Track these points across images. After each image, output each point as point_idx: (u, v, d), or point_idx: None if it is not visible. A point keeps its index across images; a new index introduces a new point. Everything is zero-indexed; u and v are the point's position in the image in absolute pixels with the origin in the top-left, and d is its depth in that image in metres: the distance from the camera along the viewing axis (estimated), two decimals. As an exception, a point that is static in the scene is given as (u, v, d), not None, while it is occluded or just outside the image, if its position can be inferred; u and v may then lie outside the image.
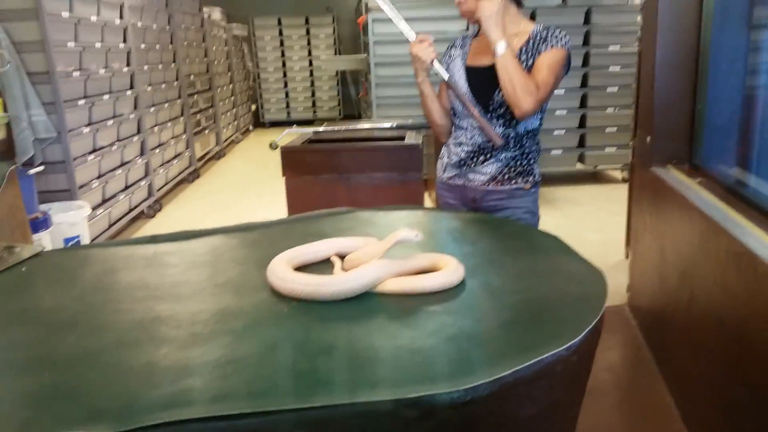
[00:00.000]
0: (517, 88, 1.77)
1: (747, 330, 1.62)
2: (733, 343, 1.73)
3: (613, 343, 2.73)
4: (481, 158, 1.96)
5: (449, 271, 1.18)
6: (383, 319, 1.07)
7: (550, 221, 1.51)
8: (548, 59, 1.81)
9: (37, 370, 0.93)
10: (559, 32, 1.85)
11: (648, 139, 2.65)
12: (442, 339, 0.97)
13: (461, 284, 1.17)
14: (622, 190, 5.03)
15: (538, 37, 1.85)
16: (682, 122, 2.55)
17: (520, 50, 1.85)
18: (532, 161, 1.98)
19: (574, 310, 1.04)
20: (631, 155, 3.76)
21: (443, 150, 2.11)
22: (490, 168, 1.95)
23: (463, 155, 1.99)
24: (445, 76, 1.90)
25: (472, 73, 1.95)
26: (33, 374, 0.92)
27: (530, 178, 1.97)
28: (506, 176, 1.95)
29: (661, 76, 2.55)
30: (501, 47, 1.77)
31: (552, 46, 1.82)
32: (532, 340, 0.94)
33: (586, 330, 0.96)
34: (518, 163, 1.96)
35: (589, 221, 4.65)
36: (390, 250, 1.22)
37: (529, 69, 1.84)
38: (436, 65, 1.88)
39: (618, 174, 6.04)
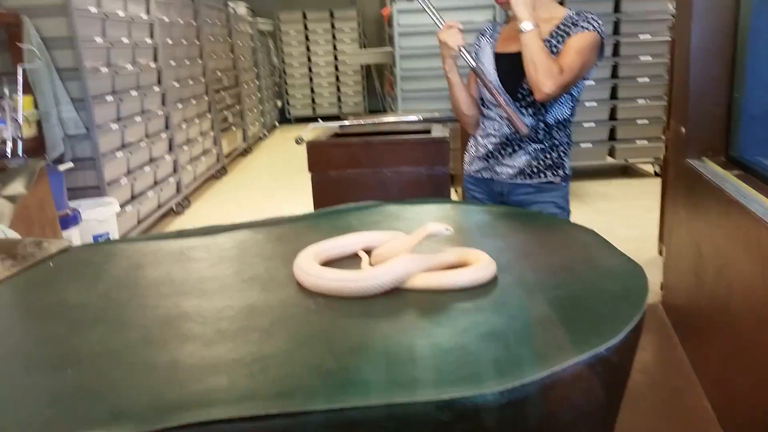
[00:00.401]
0: (540, 68, 1.71)
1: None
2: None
3: (647, 343, 2.66)
4: (509, 150, 1.91)
5: (481, 266, 1.14)
6: (413, 316, 1.04)
7: (580, 217, 1.47)
8: (576, 42, 1.76)
9: (60, 368, 0.92)
10: (591, 16, 1.79)
11: (683, 129, 2.56)
12: (474, 338, 0.93)
13: (493, 280, 1.13)
14: (654, 184, 4.92)
15: (570, 21, 1.80)
16: (718, 112, 2.47)
17: (550, 35, 1.80)
18: (562, 154, 1.92)
19: (613, 308, 0.99)
20: (665, 148, 3.67)
21: (470, 142, 2.06)
22: (519, 160, 1.90)
23: (490, 147, 1.94)
24: (472, 63, 1.85)
25: (501, 59, 1.90)
26: (56, 372, 0.91)
27: (560, 172, 1.92)
28: (535, 169, 1.90)
29: (696, 64, 2.47)
30: (527, 25, 1.72)
31: (583, 30, 1.77)
32: (570, 340, 0.90)
33: (628, 329, 0.91)
34: (547, 155, 1.90)
35: (621, 217, 4.56)
36: (419, 245, 1.18)
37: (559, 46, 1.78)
38: (464, 52, 1.83)
39: (650, 168, 5.92)
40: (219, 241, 1.47)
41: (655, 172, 5.73)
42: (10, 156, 2.89)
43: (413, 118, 3.48)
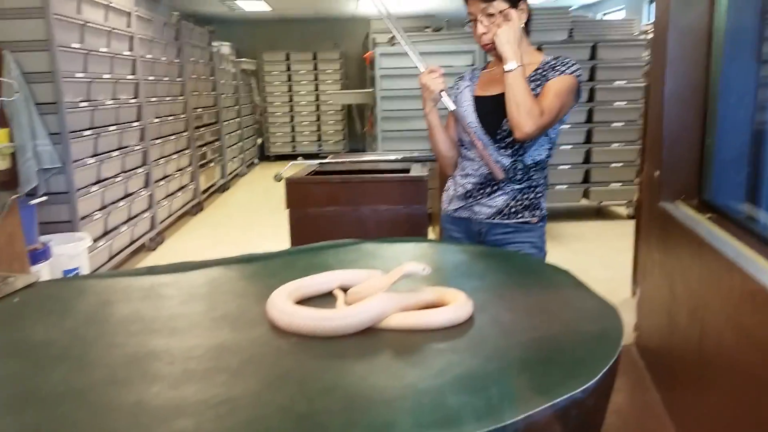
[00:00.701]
0: (522, 108, 1.75)
1: (763, 371, 1.56)
2: (747, 386, 1.66)
3: (620, 384, 2.65)
4: (488, 190, 1.92)
5: (457, 306, 1.13)
6: (388, 357, 1.02)
7: (555, 257, 1.48)
8: (555, 85, 1.81)
9: (20, 408, 0.88)
10: (569, 61, 1.85)
11: (657, 173, 2.61)
12: (449, 379, 0.92)
13: (470, 320, 1.12)
14: (628, 226, 4.98)
15: (548, 66, 1.85)
16: (691, 157, 2.52)
17: (529, 78, 1.84)
18: (539, 195, 1.94)
19: (589, 349, 0.99)
20: (638, 191, 3.73)
21: (449, 182, 2.07)
22: (497, 201, 1.92)
23: (469, 187, 1.96)
24: (452, 107, 1.88)
25: (480, 102, 1.94)
26: (15, 412, 0.87)
27: (537, 212, 1.94)
28: (513, 209, 1.92)
29: (670, 110, 2.53)
30: (512, 64, 1.76)
31: (561, 73, 1.82)
32: (546, 382, 0.89)
33: (603, 371, 0.90)
34: (525, 196, 1.92)
35: (595, 258, 4.59)
36: (395, 284, 1.17)
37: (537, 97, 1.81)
38: (444, 96, 1.86)
39: (623, 210, 6.00)
40: (190, 278, 1.44)
41: (629, 214, 5.81)
42: (-19, 189, 2.84)
43: (393, 157, 3.51)
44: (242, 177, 9.36)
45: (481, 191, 1.93)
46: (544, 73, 1.85)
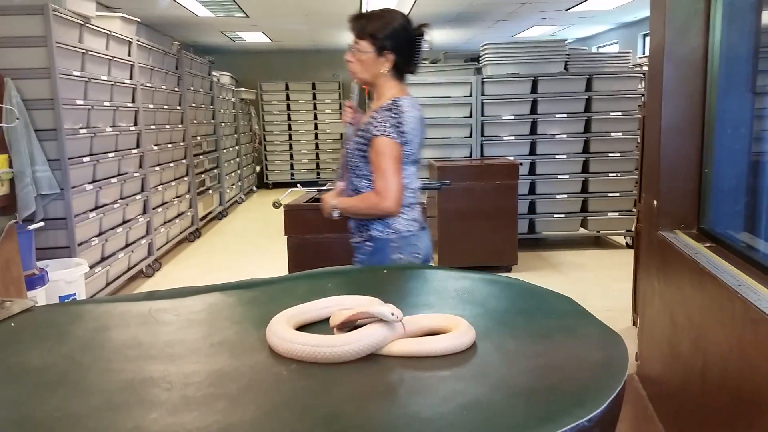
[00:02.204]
0: (365, 211, 2.05)
1: (766, 400, 1.54)
2: (751, 415, 1.64)
3: (623, 414, 2.60)
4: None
5: (460, 332, 1.11)
6: (390, 385, 1.00)
7: (554, 286, 1.47)
8: (375, 154, 1.99)
9: (14, 434, 0.86)
10: (382, 118, 1.99)
11: (655, 203, 2.62)
12: (454, 408, 0.90)
13: (472, 347, 1.11)
14: (626, 255, 4.98)
15: (374, 115, 2.01)
16: (689, 187, 2.53)
17: (365, 125, 2.03)
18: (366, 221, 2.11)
19: (594, 377, 0.97)
20: (636, 220, 3.73)
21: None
22: (351, 223, 2.16)
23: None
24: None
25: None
26: (10, 439, 0.85)
27: (364, 234, 2.11)
28: (355, 229, 2.14)
29: (667, 141, 2.55)
30: (336, 213, 2.09)
31: (373, 135, 1.98)
32: (551, 410, 0.87)
33: (610, 399, 0.89)
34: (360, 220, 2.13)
35: (594, 287, 4.58)
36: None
37: (367, 142, 2.00)
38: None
39: (621, 239, 6.01)
40: (188, 304, 1.42)
41: (627, 243, 5.81)
42: (-21, 214, 2.84)
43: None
44: (240, 204, 9.36)
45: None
46: (369, 125, 2.01)
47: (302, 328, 1.21)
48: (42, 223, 3.58)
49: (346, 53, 2.12)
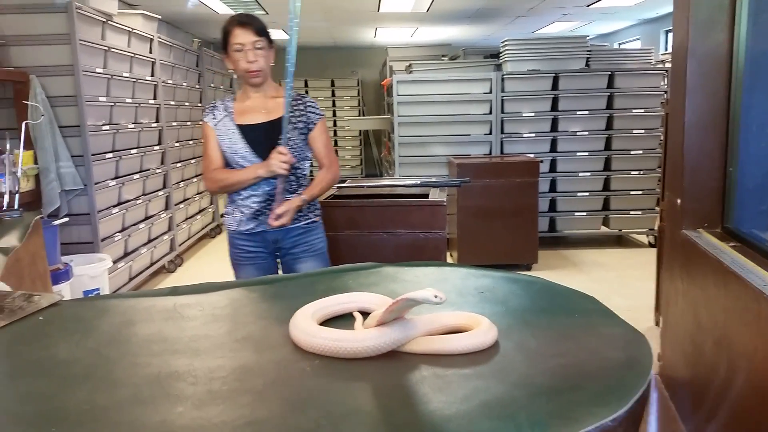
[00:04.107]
0: (330, 186, 2.47)
1: (796, 403, 1.52)
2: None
3: (645, 415, 2.59)
4: (273, 204, 2.27)
5: (481, 330, 1.11)
6: (412, 381, 1.00)
7: (576, 284, 1.46)
8: (321, 133, 2.37)
9: (45, 426, 0.88)
10: (311, 102, 2.38)
11: (678, 201, 2.59)
12: (476, 405, 0.90)
13: (494, 346, 1.11)
14: (649, 254, 4.93)
15: (299, 103, 2.34)
16: (714, 185, 2.49)
17: (292, 114, 2.27)
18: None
19: (618, 377, 0.97)
20: (659, 218, 3.69)
21: (229, 207, 2.40)
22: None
23: (256, 206, 2.32)
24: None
25: (246, 130, 2.30)
26: (40, 430, 0.87)
27: (318, 211, 2.45)
28: (301, 213, 2.35)
29: (691, 139, 2.51)
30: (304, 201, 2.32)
31: (320, 117, 2.37)
32: (575, 410, 0.87)
33: (634, 398, 0.88)
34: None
35: (616, 286, 4.54)
36: (417, 309, 1.16)
37: (307, 127, 2.32)
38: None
39: (644, 238, 5.94)
40: (212, 299, 1.44)
41: (650, 242, 5.75)
42: (5, 208, 2.88)
43: (411, 182, 3.51)
44: (259, 201, 9.41)
45: (270, 206, 2.28)
46: (303, 109, 2.33)
47: (325, 323, 1.22)
48: (66, 219, 3.64)
49: (239, 55, 2.26)
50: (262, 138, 2.28)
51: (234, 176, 2.31)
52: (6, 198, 2.97)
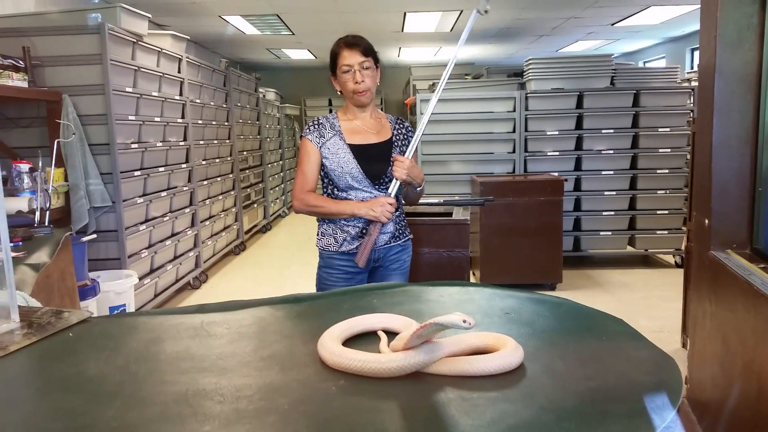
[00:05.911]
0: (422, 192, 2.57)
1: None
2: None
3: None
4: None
5: (508, 352, 1.11)
6: (438, 403, 1.00)
7: (601, 305, 1.44)
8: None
9: (76, 442, 0.89)
10: (409, 125, 2.48)
11: (706, 221, 2.55)
12: (503, 429, 0.89)
13: (521, 368, 1.10)
14: (675, 274, 4.86)
15: (401, 127, 2.47)
16: (742, 206, 2.46)
17: (395, 136, 2.41)
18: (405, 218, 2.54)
19: (647, 401, 0.95)
20: (686, 238, 3.64)
21: (328, 227, 2.40)
22: (389, 228, 2.37)
23: (360, 225, 2.34)
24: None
25: (358, 150, 2.33)
26: (72, 446, 0.88)
27: (408, 230, 2.52)
28: (399, 231, 2.43)
29: (718, 159, 2.49)
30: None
31: (412, 133, 2.47)
32: (604, 434, 0.86)
33: (664, 424, 0.87)
34: (402, 220, 2.47)
35: (642, 307, 4.47)
36: (443, 331, 1.15)
37: (405, 148, 2.38)
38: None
39: (670, 258, 5.85)
40: (238, 317, 1.45)
41: (676, 262, 5.66)
42: (36, 225, 2.95)
43: (435, 200, 3.51)
44: (284, 218, 9.49)
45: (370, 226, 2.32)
46: (401, 129, 2.45)
47: (349, 341, 1.22)
48: (94, 235, 3.70)
49: (348, 75, 2.30)
50: (372, 158, 2.33)
51: (329, 207, 2.33)
52: (37, 215, 3.03)
